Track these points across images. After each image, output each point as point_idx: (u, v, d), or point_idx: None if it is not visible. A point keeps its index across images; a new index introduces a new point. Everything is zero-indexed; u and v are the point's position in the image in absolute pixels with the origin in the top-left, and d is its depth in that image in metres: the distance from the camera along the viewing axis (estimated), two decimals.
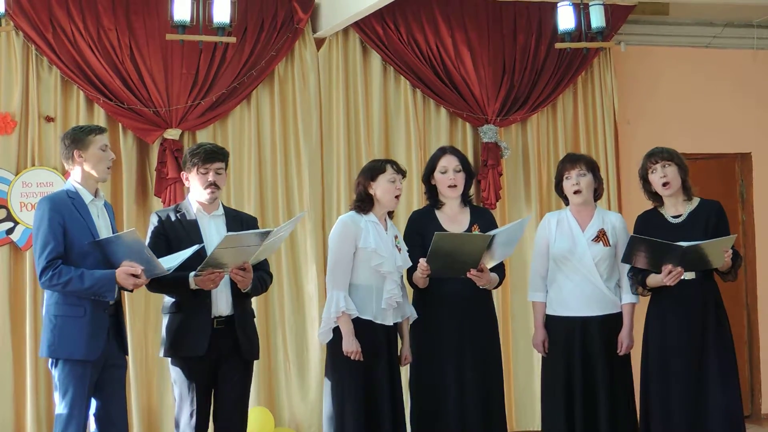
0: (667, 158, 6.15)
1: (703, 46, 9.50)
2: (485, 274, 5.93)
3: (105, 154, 5.52)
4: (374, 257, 5.90)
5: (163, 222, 5.78)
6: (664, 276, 5.92)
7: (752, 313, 9.53)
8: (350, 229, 5.94)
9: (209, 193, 5.78)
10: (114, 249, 5.35)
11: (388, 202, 6.02)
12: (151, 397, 7.98)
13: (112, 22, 7.86)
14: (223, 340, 5.71)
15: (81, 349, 5.34)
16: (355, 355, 5.80)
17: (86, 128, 5.61)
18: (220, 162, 5.81)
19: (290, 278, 8.28)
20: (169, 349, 5.75)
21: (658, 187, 6.16)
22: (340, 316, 5.84)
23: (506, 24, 8.77)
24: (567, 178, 6.30)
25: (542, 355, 6.38)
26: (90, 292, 5.32)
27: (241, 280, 5.63)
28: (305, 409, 8.23)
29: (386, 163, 6.08)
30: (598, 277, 6.21)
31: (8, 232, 7.69)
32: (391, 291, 5.93)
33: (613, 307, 6.25)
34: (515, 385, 8.69)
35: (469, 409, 6.00)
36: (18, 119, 7.76)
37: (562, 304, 6.27)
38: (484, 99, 8.63)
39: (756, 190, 9.57)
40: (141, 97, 7.90)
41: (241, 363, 5.80)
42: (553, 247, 6.29)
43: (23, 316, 7.70)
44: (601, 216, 6.34)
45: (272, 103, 8.34)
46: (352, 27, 8.43)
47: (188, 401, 5.70)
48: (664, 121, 9.24)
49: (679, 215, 6.16)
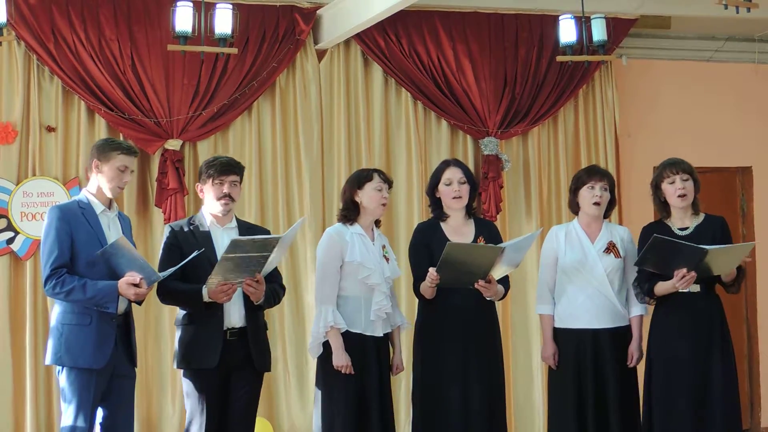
0: (687, 171, 6.18)
1: (705, 60, 9.51)
2: (492, 286, 5.93)
3: (120, 175, 5.54)
4: (361, 270, 5.91)
5: (177, 234, 5.80)
6: (677, 280, 5.93)
7: (752, 327, 9.53)
8: (335, 242, 5.94)
9: (223, 204, 5.78)
10: (117, 261, 5.37)
11: (374, 210, 6.03)
12: (151, 409, 7.97)
13: (114, 33, 7.86)
14: (235, 352, 5.71)
15: (87, 358, 5.36)
16: (346, 369, 5.81)
17: (115, 144, 5.65)
18: (235, 175, 5.83)
19: (290, 289, 8.25)
20: (181, 361, 5.77)
21: (672, 198, 6.18)
22: (329, 330, 5.84)
23: (508, 36, 8.78)
24: (590, 188, 6.29)
25: (552, 368, 6.36)
26: (92, 302, 5.35)
27: (253, 292, 5.64)
28: (304, 420, 8.22)
29: (373, 171, 6.10)
30: (610, 289, 6.22)
31: (8, 242, 7.69)
32: (380, 303, 5.94)
33: (622, 319, 6.28)
34: (515, 397, 8.68)
35: (473, 418, 6.00)
36: (19, 129, 7.76)
37: (573, 316, 6.26)
38: (485, 111, 8.64)
39: (756, 204, 9.58)
40: (142, 107, 7.90)
41: (252, 375, 5.83)
42: (564, 259, 6.29)
43: (23, 325, 7.69)
44: (609, 229, 6.37)
45: (273, 115, 8.35)
46: (353, 39, 8.44)
47: (198, 413, 5.71)
48: (665, 135, 9.24)
49: (686, 228, 6.18)
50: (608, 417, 6.15)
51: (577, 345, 6.23)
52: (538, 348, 6.88)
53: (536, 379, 8.71)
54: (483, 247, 5.98)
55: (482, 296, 5.99)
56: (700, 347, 6.06)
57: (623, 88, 9.21)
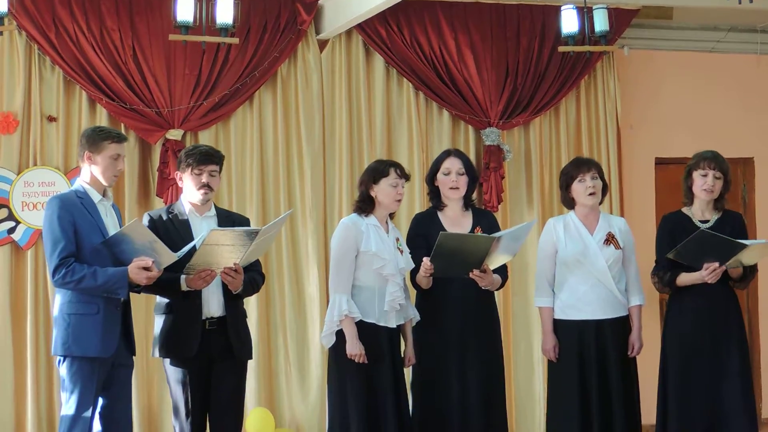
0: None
1: (707, 51, 9.49)
2: (488, 275, 5.94)
3: (114, 164, 5.51)
4: (376, 260, 5.92)
5: (155, 222, 5.79)
6: (708, 273, 5.97)
7: (753, 317, 9.54)
8: (351, 232, 5.95)
9: (202, 194, 5.78)
10: (122, 248, 5.36)
11: (389, 205, 6.03)
12: (151, 397, 7.98)
13: (115, 23, 7.85)
14: (215, 341, 5.72)
15: (96, 346, 5.35)
16: (359, 357, 5.82)
17: (104, 132, 5.59)
18: (214, 164, 5.82)
19: (291, 279, 8.28)
20: (160, 349, 5.78)
21: (699, 189, 6.21)
22: (343, 319, 5.85)
23: (510, 27, 8.76)
24: (581, 181, 6.30)
25: (552, 360, 6.35)
26: (103, 289, 5.33)
27: (231, 281, 5.63)
28: (306, 410, 8.23)
29: (390, 166, 6.07)
30: (611, 280, 6.24)
31: (10, 232, 7.69)
32: (394, 293, 5.94)
33: (622, 309, 6.30)
34: (516, 389, 8.68)
35: (471, 410, 6.01)
36: (20, 119, 7.75)
37: (575, 307, 6.27)
38: (486, 102, 8.63)
39: (758, 195, 9.58)
40: (143, 97, 7.90)
41: (234, 363, 5.82)
42: (564, 251, 6.29)
43: (24, 316, 7.71)
44: (607, 220, 6.39)
45: (275, 105, 8.34)
46: (355, 29, 8.42)
47: (183, 401, 5.73)
48: (666, 126, 9.24)
49: (707, 220, 6.22)
50: (612, 408, 6.16)
51: (580, 336, 6.24)
52: (539, 340, 6.85)
53: (537, 371, 8.71)
54: (476, 236, 5.98)
55: (479, 286, 6.00)
56: (718, 334, 6.11)
57: (625, 78, 9.19)
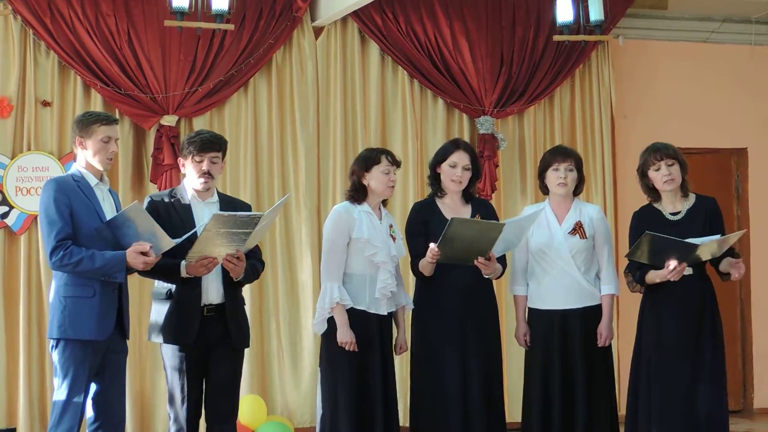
0: (672, 156, 6.13)
1: (702, 41, 9.51)
2: (492, 263, 5.97)
3: (105, 147, 5.48)
4: (368, 247, 5.93)
5: (157, 205, 5.76)
6: (668, 272, 5.91)
7: (745, 308, 9.55)
8: (344, 219, 5.96)
9: (202, 182, 5.75)
10: (124, 231, 5.35)
11: (382, 192, 6.04)
12: (144, 383, 7.98)
13: (111, 8, 7.84)
14: (213, 328, 5.70)
15: (92, 329, 5.34)
16: (350, 345, 5.84)
17: (93, 116, 5.56)
18: (215, 152, 5.77)
19: (284, 266, 8.28)
20: (158, 335, 5.75)
21: (659, 184, 6.14)
22: (335, 306, 5.87)
23: (505, 16, 8.76)
24: (555, 170, 6.30)
25: (524, 347, 6.41)
26: (100, 273, 5.32)
27: (233, 268, 5.62)
28: (298, 398, 8.24)
29: (381, 153, 6.08)
30: (576, 270, 6.23)
31: (3, 216, 7.69)
32: (385, 281, 5.95)
33: (592, 299, 6.28)
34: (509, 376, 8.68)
35: (471, 395, 6.03)
36: (15, 103, 7.74)
37: (541, 297, 6.29)
38: (481, 90, 8.63)
39: (751, 186, 9.58)
40: (138, 83, 7.89)
41: (231, 351, 5.80)
42: (531, 240, 6.30)
43: (17, 301, 7.71)
44: (578, 208, 6.35)
45: (269, 91, 8.33)
46: (350, 16, 8.41)
47: (179, 388, 5.72)
48: (660, 116, 9.24)
49: (677, 212, 6.16)
50: (575, 398, 6.15)
51: (546, 326, 6.26)
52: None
53: None
54: (487, 223, 5.99)
55: (480, 274, 6.02)
56: (691, 332, 6.05)
57: (620, 68, 9.20)
